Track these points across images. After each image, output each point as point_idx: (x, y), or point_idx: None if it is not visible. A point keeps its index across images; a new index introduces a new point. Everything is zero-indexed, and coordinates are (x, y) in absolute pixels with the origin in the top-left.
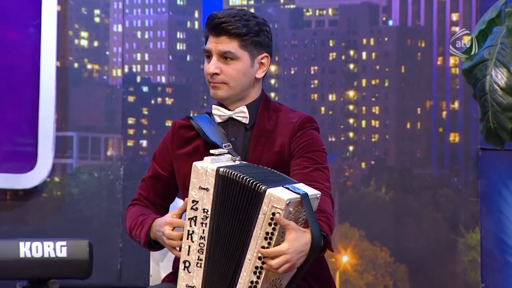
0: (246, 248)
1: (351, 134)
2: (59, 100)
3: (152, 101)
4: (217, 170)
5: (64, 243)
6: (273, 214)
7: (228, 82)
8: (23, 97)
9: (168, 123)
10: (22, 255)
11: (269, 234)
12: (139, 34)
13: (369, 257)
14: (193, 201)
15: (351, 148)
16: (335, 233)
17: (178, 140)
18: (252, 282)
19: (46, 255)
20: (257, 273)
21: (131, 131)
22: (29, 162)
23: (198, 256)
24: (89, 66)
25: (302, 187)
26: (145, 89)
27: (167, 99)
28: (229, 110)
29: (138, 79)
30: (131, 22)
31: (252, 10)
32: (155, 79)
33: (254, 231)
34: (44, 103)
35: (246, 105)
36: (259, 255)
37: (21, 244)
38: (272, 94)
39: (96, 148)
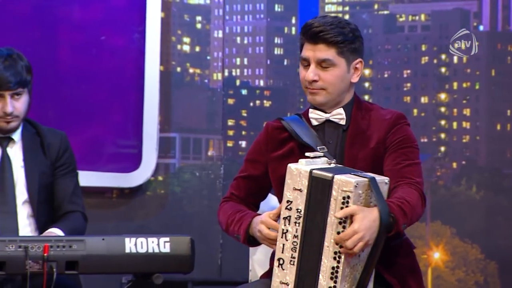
0: (324, 236)
1: (442, 135)
2: (162, 102)
3: (251, 104)
4: (310, 172)
5: (167, 239)
6: (344, 198)
7: (326, 88)
8: (129, 100)
9: None
10: (127, 250)
11: (343, 219)
12: (238, 39)
13: (460, 254)
14: (287, 201)
15: (442, 148)
16: (427, 230)
17: (272, 142)
18: (333, 268)
19: (150, 250)
20: (337, 258)
21: (230, 132)
22: (134, 162)
23: (291, 254)
24: (191, 70)
25: (371, 174)
26: (244, 92)
27: (265, 101)
28: (325, 112)
29: (238, 82)
30: (231, 28)
31: (347, 16)
32: (254, 83)
33: (329, 217)
34: (148, 106)
35: (342, 107)
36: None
37: (127, 240)
38: (366, 97)
39: (198, 148)
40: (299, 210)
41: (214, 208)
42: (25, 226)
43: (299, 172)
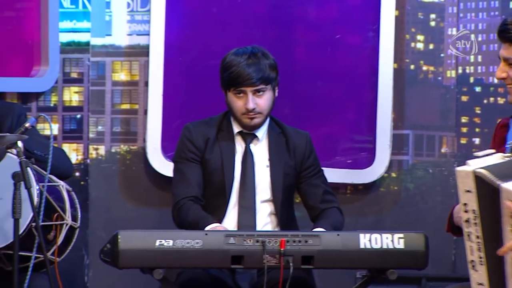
0: (501, 243)
1: None
2: (396, 100)
3: (485, 101)
4: (473, 172)
5: (401, 235)
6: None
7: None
8: (362, 97)
9: None
10: (362, 246)
11: None
12: (472, 36)
13: None
14: (464, 204)
15: None
16: None
17: (497, 139)
18: None
19: (384, 246)
20: None
21: (464, 129)
22: (368, 159)
23: (479, 255)
24: (424, 68)
25: None
26: (478, 89)
27: (499, 98)
28: None
29: (471, 79)
30: (465, 25)
31: None
32: (487, 80)
33: (502, 225)
34: (382, 103)
35: None
36: None
37: (361, 235)
38: None
39: (431, 145)
40: (474, 211)
41: (448, 204)
42: (266, 224)
43: (464, 173)
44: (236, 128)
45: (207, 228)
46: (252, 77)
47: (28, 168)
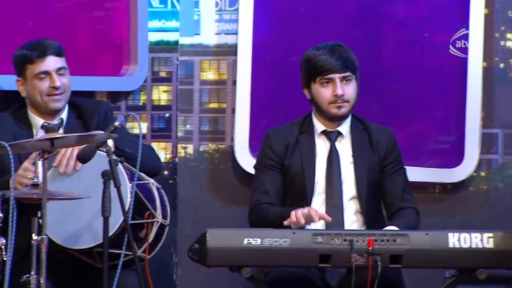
0: None
1: None
2: (485, 98)
3: None
4: None
5: (490, 234)
6: None
7: None
8: (451, 96)
9: None
10: (450, 245)
11: None
12: None
13: None
14: None
15: None
16: None
17: None
18: None
19: (473, 245)
20: None
21: None
22: (457, 158)
23: None
24: None
25: None
26: None
27: None
28: None
29: None
30: None
31: None
32: None
33: None
34: (471, 102)
35: None
36: None
37: (450, 235)
38: None
39: None
40: None
41: None
42: (352, 222)
43: None
44: (319, 128)
45: (293, 212)
46: (339, 64)
47: (120, 166)
